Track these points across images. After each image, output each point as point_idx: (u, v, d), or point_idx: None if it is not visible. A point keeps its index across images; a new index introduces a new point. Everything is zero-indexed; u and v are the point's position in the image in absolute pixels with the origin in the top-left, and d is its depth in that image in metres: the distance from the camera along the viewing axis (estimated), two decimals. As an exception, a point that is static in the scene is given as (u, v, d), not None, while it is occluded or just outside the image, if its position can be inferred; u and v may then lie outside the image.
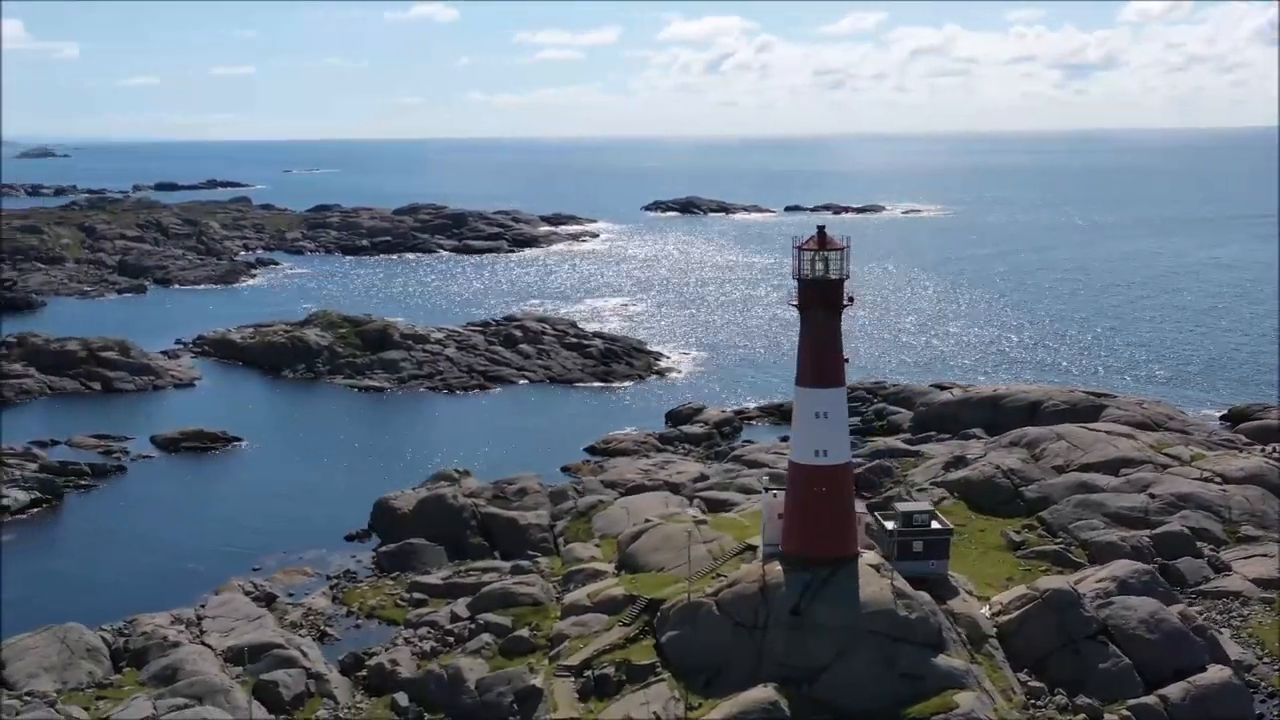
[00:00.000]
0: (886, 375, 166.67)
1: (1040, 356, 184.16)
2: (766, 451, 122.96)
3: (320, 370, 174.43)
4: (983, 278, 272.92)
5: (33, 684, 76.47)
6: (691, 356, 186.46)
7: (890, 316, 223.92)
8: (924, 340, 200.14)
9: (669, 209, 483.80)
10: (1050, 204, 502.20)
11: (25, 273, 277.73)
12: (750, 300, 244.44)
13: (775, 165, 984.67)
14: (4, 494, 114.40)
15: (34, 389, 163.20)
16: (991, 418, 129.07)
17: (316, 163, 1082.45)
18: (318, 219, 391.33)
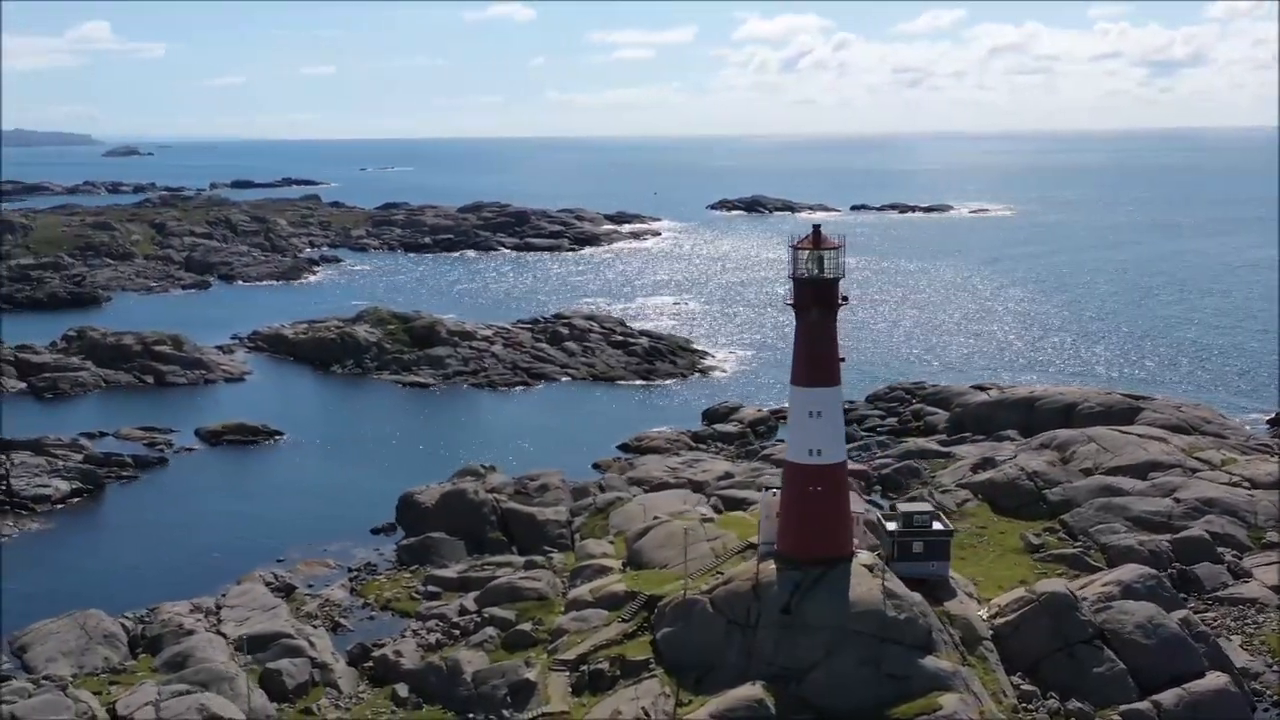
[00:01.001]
0: (930, 375, 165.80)
1: (1088, 357, 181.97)
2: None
3: (368, 366, 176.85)
4: (1037, 277, 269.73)
5: (50, 668, 78.68)
6: (737, 355, 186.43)
7: (938, 316, 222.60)
8: (970, 340, 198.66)
9: (734, 208, 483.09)
10: (1122, 203, 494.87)
11: (95, 268, 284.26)
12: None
13: (848, 164, 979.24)
14: (46, 483, 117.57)
15: (89, 382, 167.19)
16: (1027, 419, 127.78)
17: (392, 161, 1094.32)
18: (383, 217, 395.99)
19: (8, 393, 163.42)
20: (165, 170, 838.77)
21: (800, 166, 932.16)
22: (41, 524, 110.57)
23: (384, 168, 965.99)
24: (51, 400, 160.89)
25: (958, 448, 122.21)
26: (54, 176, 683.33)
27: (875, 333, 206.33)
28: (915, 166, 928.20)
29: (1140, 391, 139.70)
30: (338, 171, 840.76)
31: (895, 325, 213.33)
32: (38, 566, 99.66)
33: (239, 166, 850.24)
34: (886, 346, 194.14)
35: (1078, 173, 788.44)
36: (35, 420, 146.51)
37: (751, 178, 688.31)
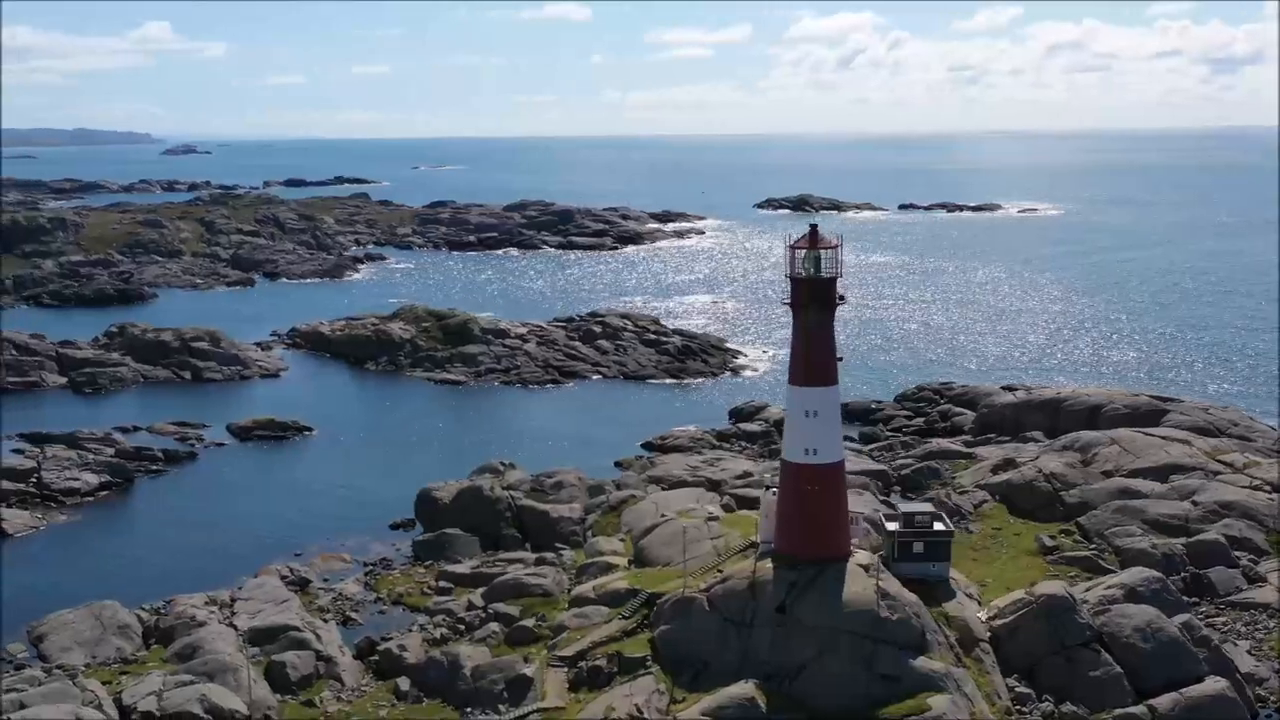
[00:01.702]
0: (961, 375, 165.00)
1: (1120, 357, 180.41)
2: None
3: (402, 363, 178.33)
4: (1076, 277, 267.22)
5: (65, 658, 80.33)
6: (770, 355, 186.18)
7: (974, 315, 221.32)
8: (1004, 340, 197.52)
9: (781, 206, 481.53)
10: (1172, 203, 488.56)
11: (142, 265, 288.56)
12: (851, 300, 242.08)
13: (900, 163, 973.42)
14: (75, 476, 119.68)
15: (127, 377, 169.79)
16: (1052, 421, 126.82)
17: (445, 160, 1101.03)
18: (429, 215, 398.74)
19: (48, 387, 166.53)
20: (221, 168, 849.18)
21: (852, 165, 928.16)
22: (69, 516, 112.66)
23: (436, 166, 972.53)
24: (90, 395, 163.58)
25: (981, 449, 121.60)
26: (112, 175, 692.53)
27: (909, 332, 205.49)
28: (968, 165, 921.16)
29: (1172, 393, 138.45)
30: (391, 170, 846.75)
31: (930, 325, 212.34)
32: (62, 558, 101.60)
33: (293, 165, 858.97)
34: (920, 346, 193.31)
35: (1133, 172, 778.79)
36: (73, 414, 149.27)
37: (801, 176, 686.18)
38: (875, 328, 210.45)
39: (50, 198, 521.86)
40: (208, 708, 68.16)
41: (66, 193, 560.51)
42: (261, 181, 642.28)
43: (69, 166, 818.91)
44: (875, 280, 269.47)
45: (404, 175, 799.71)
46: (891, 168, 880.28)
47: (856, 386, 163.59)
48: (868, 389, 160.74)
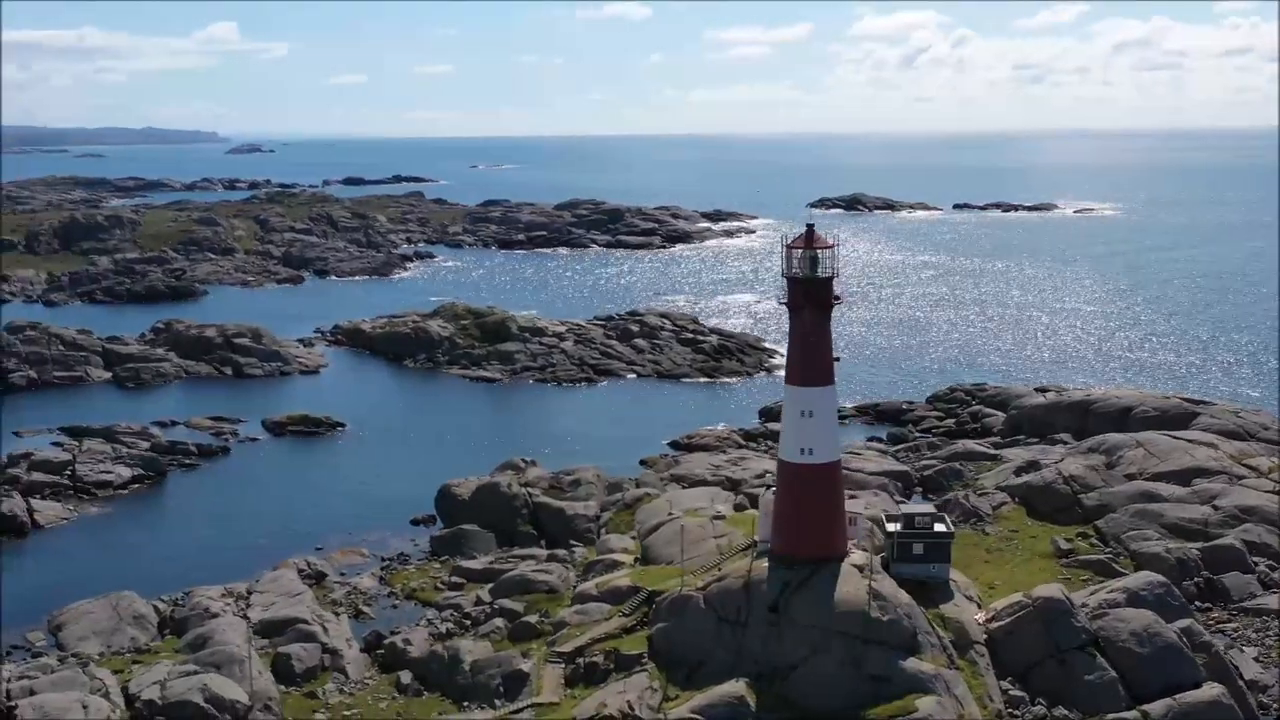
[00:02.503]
0: (998, 375, 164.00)
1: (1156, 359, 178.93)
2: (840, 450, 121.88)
3: (440, 360, 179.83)
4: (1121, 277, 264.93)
5: (81, 646, 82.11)
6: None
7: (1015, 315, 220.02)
8: (1042, 340, 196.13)
9: (834, 206, 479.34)
10: (1229, 202, 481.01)
11: (196, 262, 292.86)
12: (883, 299, 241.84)
13: (961, 162, 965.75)
14: (109, 469, 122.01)
15: (170, 373, 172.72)
16: (1081, 423, 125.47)
17: (504, 158, 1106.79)
18: (481, 213, 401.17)
19: (93, 382, 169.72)
20: (283, 167, 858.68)
21: (911, 164, 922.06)
22: (100, 508, 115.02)
23: (495, 165, 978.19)
24: (133, 390, 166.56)
25: (1007, 450, 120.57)
26: (176, 173, 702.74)
27: (947, 332, 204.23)
28: (1030, 164, 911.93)
29: (1208, 395, 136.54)
30: (449, 168, 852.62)
31: (969, 325, 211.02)
32: (89, 549, 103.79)
33: (352, 164, 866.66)
34: (957, 346, 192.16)
35: (1196, 171, 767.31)
36: (114, 408, 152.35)
37: (858, 175, 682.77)
38: (914, 328, 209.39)
39: (114, 196, 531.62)
40: (208, 697, 69.32)
41: (130, 191, 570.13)
42: (321, 180, 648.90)
43: (136, 165, 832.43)
44: (918, 280, 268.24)
45: (462, 174, 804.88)
46: (952, 167, 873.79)
47: (891, 387, 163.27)
48: (901, 389, 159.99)
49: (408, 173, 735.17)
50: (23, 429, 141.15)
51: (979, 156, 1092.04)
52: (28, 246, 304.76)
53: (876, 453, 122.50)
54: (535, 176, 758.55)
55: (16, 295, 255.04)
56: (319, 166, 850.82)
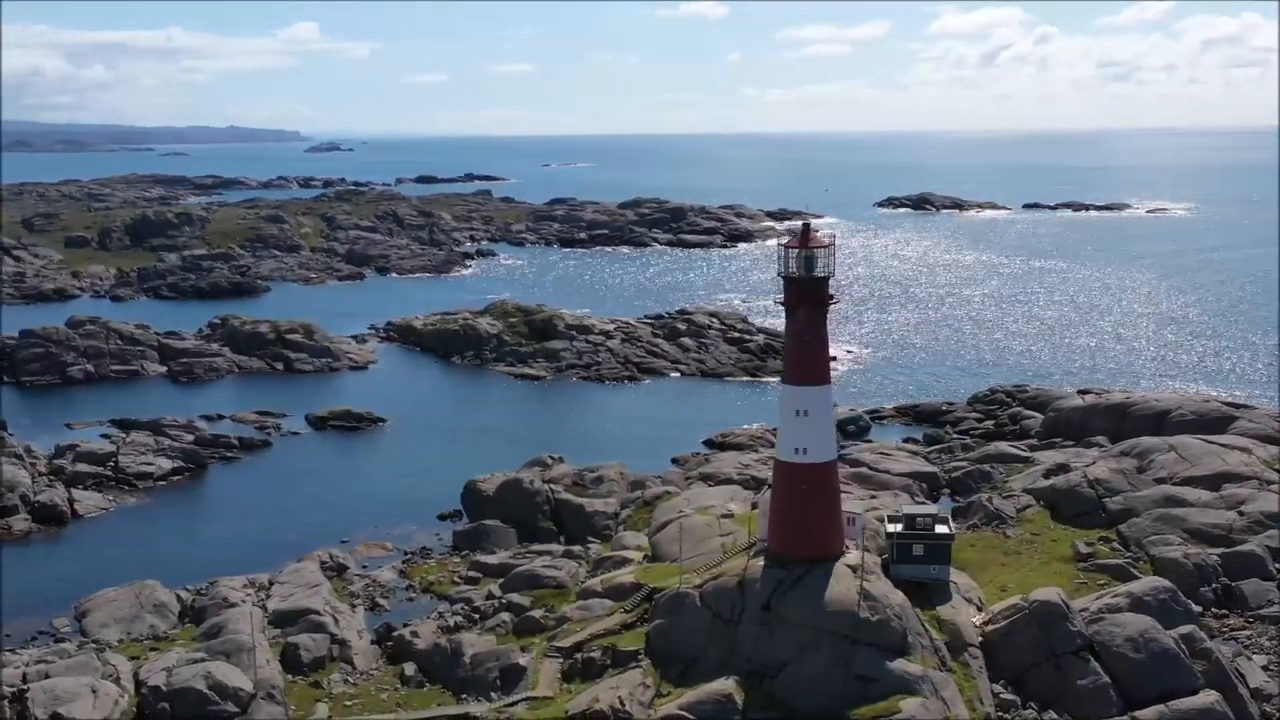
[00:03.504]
0: (1043, 376, 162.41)
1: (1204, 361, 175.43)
2: (871, 450, 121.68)
3: (487, 357, 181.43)
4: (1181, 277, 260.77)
5: (102, 633, 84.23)
6: (854, 354, 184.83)
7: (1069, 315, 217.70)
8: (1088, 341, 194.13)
9: (901, 205, 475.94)
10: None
11: (261, 259, 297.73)
12: (943, 299, 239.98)
13: (1038, 161, 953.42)
14: (150, 461, 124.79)
15: (223, 367, 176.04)
16: (1118, 426, 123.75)
17: (577, 157, 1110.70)
18: (545, 212, 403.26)
19: (149, 376, 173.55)
20: (359, 165, 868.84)
21: (986, 164, 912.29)
22: (139, 499, 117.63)
23: (566, 164, 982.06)
24: (186, 384, 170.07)
25: (1040, 453, 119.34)
26: (254, 172, 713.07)
27: (998, 333, 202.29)
28: (1109, 164, 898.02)
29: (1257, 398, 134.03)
30: (521, 167, 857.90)
31: (1021, 325, 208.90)
32: (124, 539, 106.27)
33: (427, 162, 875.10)
34: (1006, 346, 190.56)
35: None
36: (166, 401, 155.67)
37: (930, 174, 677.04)
38: (963, 328, 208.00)
39: (191, 193, 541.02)
40: (211, 685, 70.77)
41: (207, 189, 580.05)
42: (394, 178, 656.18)
43: (216, 163, 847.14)
44: (973, 279, 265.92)
45: (533, 172, 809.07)
46: (1026, 166, 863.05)
47: (933, 387, 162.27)
48: (944, 390, 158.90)
49: (480, 171, 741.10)
50: (75, 421, 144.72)
51: (1057, 155, 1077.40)
52: (100, 243, 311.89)
53: (907, 453, 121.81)
54: (605, 175, 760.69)
55: (86, 290, 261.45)
56: (394, 165, 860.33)
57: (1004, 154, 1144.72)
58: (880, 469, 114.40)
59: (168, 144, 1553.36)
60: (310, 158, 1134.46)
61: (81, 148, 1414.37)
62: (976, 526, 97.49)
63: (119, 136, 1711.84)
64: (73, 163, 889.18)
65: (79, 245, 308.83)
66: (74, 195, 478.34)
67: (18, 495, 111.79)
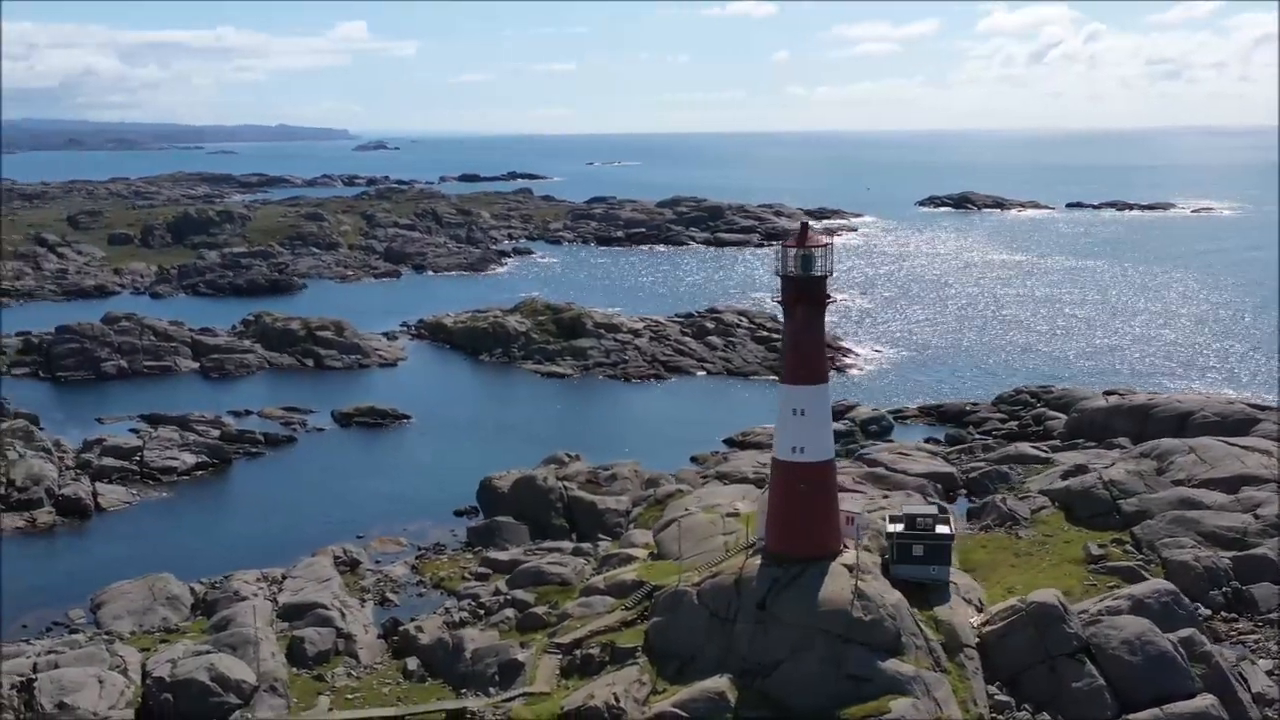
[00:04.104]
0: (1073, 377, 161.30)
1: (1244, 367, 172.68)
2: (890, 450, 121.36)
3: (515, 355, 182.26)
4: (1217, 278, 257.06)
5: (115, 624, 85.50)
6: (883, 354, 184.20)
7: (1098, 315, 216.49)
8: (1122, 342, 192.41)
9: (942, 204, 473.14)
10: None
11: (300, 256, 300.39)
12: (974, 299, 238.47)
13: (1084, 160, 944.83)
14: (175, 456, 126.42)
15: (254, 364, 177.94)
16: (1140, 427, 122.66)
17: (621, 156, 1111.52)
18: (583, 210, 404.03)
19: (181, 372, 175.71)
20: (404, 164, 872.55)
21: (1032, 162, 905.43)
22: (163, 493, 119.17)
23: (610, 162, 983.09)
24: (217, 380, 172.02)
25: (1061, 454, 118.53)
26: (300, 170, 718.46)
27: (1029, 333, 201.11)
28: (1156, 163, 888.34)
29: None
30: (566, 166, 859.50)
31: (1053, 325, 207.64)
32: (144, 532, 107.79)
33: (471, 160, 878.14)
34: (1037, 347, 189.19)
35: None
36: (195, 397, 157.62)
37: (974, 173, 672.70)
38: (994, 328, 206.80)
39: (236, 191, 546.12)
40: (214, 676, 71.68)
41: (253, 187, 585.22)
42: (438, 176, 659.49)
43: (264, 161, 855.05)
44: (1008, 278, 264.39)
45: (577, 171, 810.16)
46: (1072, 165, 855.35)
47: (960, 387, 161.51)
48: (970, 390, 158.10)
49: (523, 169, 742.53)
50: (106, 416, 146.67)
51: (1104, 154, 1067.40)
52: (143, 240, 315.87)
53: (926, 454, 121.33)
54: (649, 174, 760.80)
55: (126, 287, 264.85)
56: (438, 163, 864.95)
57: (1050, 153, 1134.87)
58: (897, 469, 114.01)
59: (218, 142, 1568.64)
60: (357, 156, 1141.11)
61: (132, 146, 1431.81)
62: (989, 528, 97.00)
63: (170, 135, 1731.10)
64: (123, 161, 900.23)
65: (122, 242, 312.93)
66: (121, 193, 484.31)
67: (43, 488, 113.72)
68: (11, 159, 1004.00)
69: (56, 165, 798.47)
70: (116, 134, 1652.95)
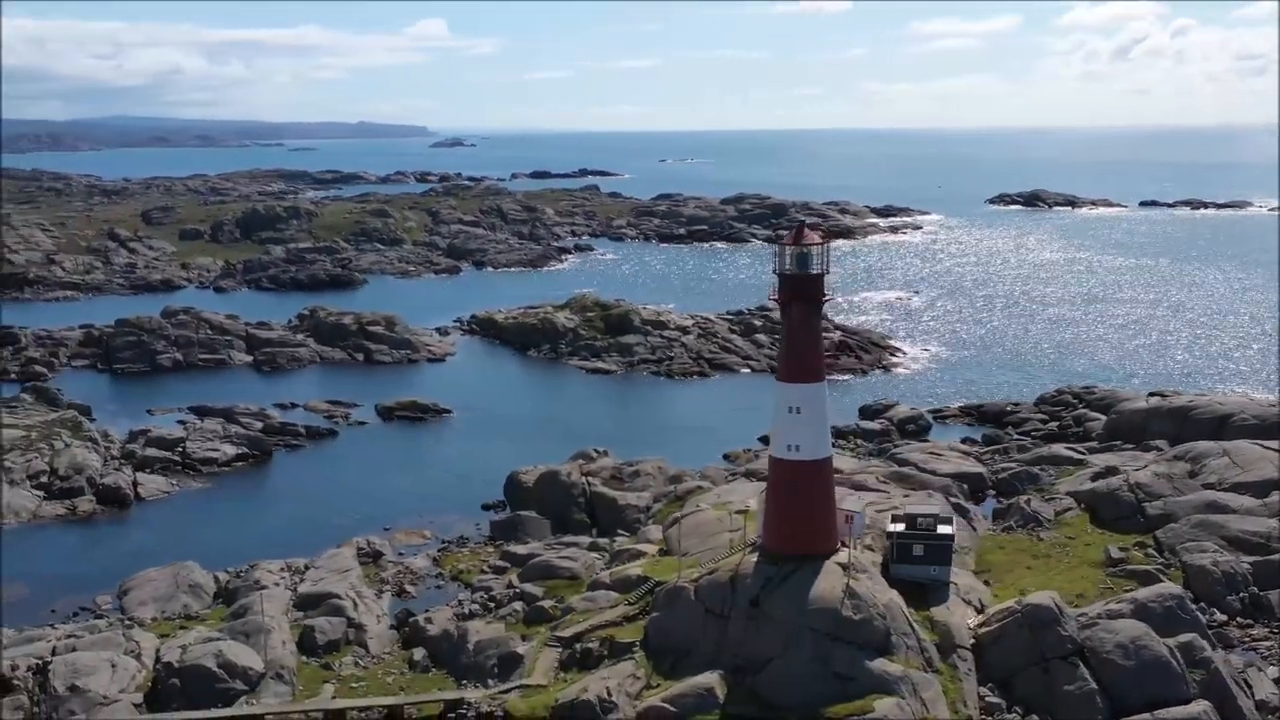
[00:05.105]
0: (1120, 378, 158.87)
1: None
2: (922, 450, 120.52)
3: (562, 351, 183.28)
4: None
5: (139, 611, 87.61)
6: (932, 353, 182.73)
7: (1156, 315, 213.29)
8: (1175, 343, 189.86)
9: (1013, 202, 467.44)
10: None
11: (363, 252, 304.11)
12: (1038, 298, 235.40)
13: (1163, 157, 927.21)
14: (216, 447, 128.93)
15: (306, 357, 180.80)
16: (1178, 429, 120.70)
17: (694, 153, 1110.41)
18: (646, 207, 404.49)
19: (234, 364, 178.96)
20: (479, 161, 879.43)
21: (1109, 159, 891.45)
22: (203, 483, 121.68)
23: (683, 160, 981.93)
24: (268, 373, 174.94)
25: (1095, 455, 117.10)
26: (375, 167, 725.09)
27: (1083, 333, 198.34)
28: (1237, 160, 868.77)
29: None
30: (638, 163, 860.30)
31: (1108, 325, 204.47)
32: (178, 521, 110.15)
33: (545, 158, 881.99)
34: (1088, 347, 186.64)
35: None
36: (247, 389, 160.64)
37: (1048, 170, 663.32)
38: (1047, 327, 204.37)
39: (311, 187, 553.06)
40: (221, 663, 73.35)
41: (327, 183, 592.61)
42: (509, 173, 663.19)
43: (341, 158, 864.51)
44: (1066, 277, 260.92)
45: (649, 168, 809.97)
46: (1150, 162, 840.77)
47: (1005, 387, 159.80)
48: (1014, 390, 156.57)
49: (595, 167, 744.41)
50: (156, 407, 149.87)
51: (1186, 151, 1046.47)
52: (212, 236, 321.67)
53: (959, 454, 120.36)
54: (720, 171, 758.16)
55: (192, 282, 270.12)
56: (512, 160, 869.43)
57: (1131, 150, 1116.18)
58: (927, 469, 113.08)
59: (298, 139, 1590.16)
60: (433, 153, 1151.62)
61: (215, 143, 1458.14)
62: (1011, 529, 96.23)
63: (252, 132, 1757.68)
64: (205, 157, 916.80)
65: (192, 238, 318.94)
66: (198, 189, 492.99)
67: (84, 478, 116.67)
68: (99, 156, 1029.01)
69: (142, 162, 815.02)
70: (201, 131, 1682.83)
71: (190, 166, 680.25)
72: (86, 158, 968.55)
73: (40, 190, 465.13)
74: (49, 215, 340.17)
